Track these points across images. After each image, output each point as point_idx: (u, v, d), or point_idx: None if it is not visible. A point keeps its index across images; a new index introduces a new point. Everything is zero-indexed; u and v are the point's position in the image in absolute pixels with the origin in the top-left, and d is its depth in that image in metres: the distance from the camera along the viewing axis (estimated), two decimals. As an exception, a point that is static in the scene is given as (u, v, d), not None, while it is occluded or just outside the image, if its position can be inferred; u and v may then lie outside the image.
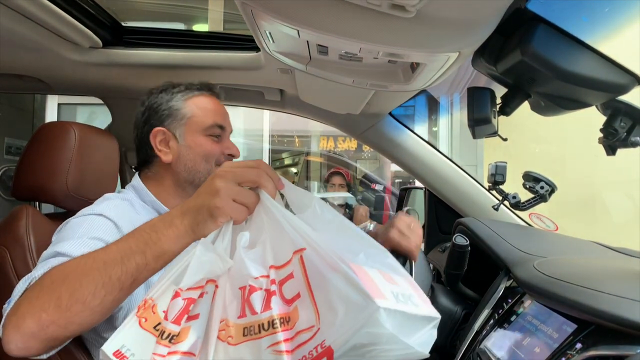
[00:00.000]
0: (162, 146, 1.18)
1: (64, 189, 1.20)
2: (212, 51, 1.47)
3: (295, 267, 0.64)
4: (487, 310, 1.12)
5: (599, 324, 0.78)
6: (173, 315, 0.67)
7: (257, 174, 0.73)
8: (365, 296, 0.58)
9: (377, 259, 0.66)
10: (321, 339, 0.60)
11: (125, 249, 0.74)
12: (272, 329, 0.62)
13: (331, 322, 0.59)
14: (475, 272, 1.49)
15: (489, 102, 0.94)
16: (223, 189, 0.72)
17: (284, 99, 1.74)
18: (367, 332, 0.58)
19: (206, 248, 0.70)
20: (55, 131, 1.24)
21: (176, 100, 1.20)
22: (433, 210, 2.03)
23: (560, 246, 1.35)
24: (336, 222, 0.70)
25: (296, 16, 0.79)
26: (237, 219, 0.73)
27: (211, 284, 0.69)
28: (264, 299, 0.64)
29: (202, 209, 0.73)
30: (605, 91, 0.83)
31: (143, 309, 0.69)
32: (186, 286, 0.68)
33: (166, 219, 0.75)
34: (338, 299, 0.59)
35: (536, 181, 1.50)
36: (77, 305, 0.72)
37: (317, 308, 0.61)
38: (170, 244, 0.73)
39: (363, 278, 0.60)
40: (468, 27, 0.76)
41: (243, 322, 0.65)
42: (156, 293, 0.69)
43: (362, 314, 0.57)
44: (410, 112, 5.18)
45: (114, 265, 0.73)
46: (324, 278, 0.61)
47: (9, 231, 1.10)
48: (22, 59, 1.45)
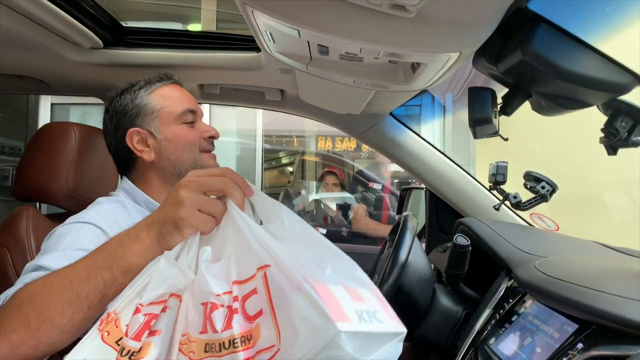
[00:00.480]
0: (141, 146, 1.15)
1: (64, 189, 1.20)
2: (212, 51, 1.47)
3: (259, 283, 0.63)
4: (488, 310, 1.12)
5: (600, 324, 0.78)
6: (133, 331, 0.65)
7: (223, 182, 0.71)
8: (326, 318, 0.56)
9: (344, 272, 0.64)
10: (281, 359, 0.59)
11: (91, 265, 0.72)
12: (233, 348, 0.61)
13: (291, 343, 0.58)
14: (476, 272, 1.49)
15: (490, 102, 0.94)
16: (187, 198, 0.69)
17: (285, 99, 1.74)
18: (327, 355, 0.57)
19: (169, 262, 0.67)
20: (55, 132, 1.24)
21: (140, 97, 1.17)
22: (434, 210, 2.03)
23: (561, 246, 1.35)
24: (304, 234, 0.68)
25: (296, 16, 0.78)
26: (204, 229, 0.70)
27: (174, 298, 0.67)
28: (226, 316, 0.63)
29: (167, 220, 0.70)
30: (606, 91, 0.83)
31: (106, 322, 0.67)
32: (147, 301, 0.66)
33: (132, 233, 0.73)
34: (299, 320, 0.58)
35: (537, 181, 1.50)
36: (46, 325, 0.70)
37: (278, 327, 0.60)
38: (136, 258, 0.71)
39: (326, 299, 0.58)
40: (469, 27, 0.75)
41: (204, 338, 0.64)
42: (119, 306, 0.67)
43: (322, 336, 0.56)
44: (410, 112, 5.19)
45: (81, 283, 0.70)
46: (286, 297, 0.60)
47: (10, 232, 1.10)
48: (23, 60, 1.45)
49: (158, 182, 1.16)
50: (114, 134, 1.18)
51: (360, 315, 0.59)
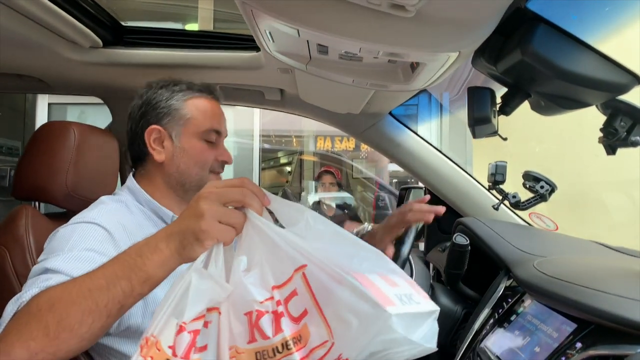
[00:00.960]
0: (156, 145, 1.15)
1: (63, 188, 1.20)
2: (212, 51, 1.47)
3: (298, 284, 0.64)
4: (487, 309, 1.12)
5: (599, 323, 0.78)
6: (182, 351, 0.65)
7: (242, 192, 0.72)
8: (374, 305, 0.59)
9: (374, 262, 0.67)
10: (337, 352, 0.60)
11: (110, 274, 0.72)
12: (287, 351, 0.62)
13: (345, 335, 0.60)
14: (476, 272, 1.49)
15: (489, 101, 0.94)
16: (207, 211, 0.70)
17: (284, 98, 1.74)
18: (381, 339, 0.59)
19: (201, 275, 0.67)
20: (55, 131, 1.24)
21: (176, 99, 1.17)
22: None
23: (560, 246, 1.35)
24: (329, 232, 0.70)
25: (296, 16, 0.78)
26: (225, 240, 0.71)
27: (214, 312, 0.68)
28: (273, 321, 0.64)
29: (188, 232, 0.71)
30: (605, 91, 0.83)
31: (146, 347, 0.66)
32: (189, 318, 0.66)
33: (151, 243, 0.73)
34: (348, 311, 0.60)
35: (536, 180, 1.50)
36: (65, 333, 0.70)
37: (327, 323, 0.61)
38: (155, 269, 0.71)
39: (368, 286, 0.60)
40: (468, 26, 0.76)
41: (254, 347, 0.64)
42: (156, 328, 0.66)
43: (375, 323, 0.59)
44: (407, 111, 5.20)
45: (100, 292, 0.71)
46: (330, 292, 0.62)
47: (9, 231, 1.10)
48: (22, 59, 1.45)
49: (162, 184, 1.16)
50: (137, 122, 1.17)
51: (400, 299, 0.62)
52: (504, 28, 0.80)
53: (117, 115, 1.83)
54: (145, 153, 1.16)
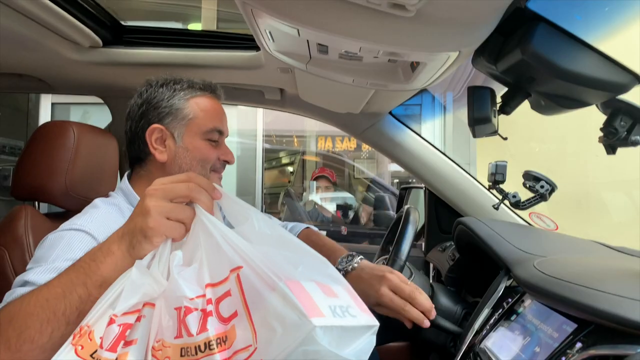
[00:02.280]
0: (158, 144, 1.14)
1: (63, 188, 1.20)
2: (212, 50, 1.47)
3: (232, 285, 0.64)
4: (487, 309, 1.12)
5: (599, 323, 0.78)
6: (108, 343, 0.65)
7: (188, 187, 0.71)
8: (301, 315, 0.58)
9: (316, 270, 0.66)
10: (258, 358, 0.60)
11: (66, 282, 0.72)
12: (209, 350, 0.62)
13: (268, 341, 0.59)
14: (475, 272, 1.49)
15: (489, 101, 0.94)
16: (153, 207, 0.70)
17: (284, 98, 1.74)
18: (304, 350, 0.58)
19: (141, 271, 0.68)
20: (54, 131, 1.24)
21: (178, 98, 1.15)
22: (433, 210, 2.03)
23: (560, 245, 1.35)
24: (275, 235, 0.70)
25: (296, 15, 0.78)
26: (174, 236, 0.71)
27: (149, 307, 0.67)
28: (200, 319, 0.64)
29: (136, 231, 0.71)
30: (605, 90, 0.83)
31: (79, 336, 0.66)
32: (121, 311, 0.66)
33: (104, 247, 0.73)
34: (275, 318, 0.60)
35: (536, 180, 1.50)
36: (26, 345, 0.70)
37: (254, 327, 0.61)
38: (110, 272, 0.71)
39: (299, 295, 0.60)
40: (468, 26, 0.75)
41: (180, 343, 0.64)
42: (92, 319, 0.67)
43: (298, 332, 0.58)
44: (410, 111, 5.20)
45: (57, 301, 0.70)
46: (261, 297, 0.61)
47: (8, 231, 1.10)
48: (22, 58, 1.45)
49: None
50: (137, 121, 1.16)
51: (333, 310, 0.61)
52: (504, 27, 0.80)
53: (117, 114, 1.83)
54: (146, 153, 1.15)
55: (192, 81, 1.20)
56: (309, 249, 0.70)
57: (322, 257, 0.69)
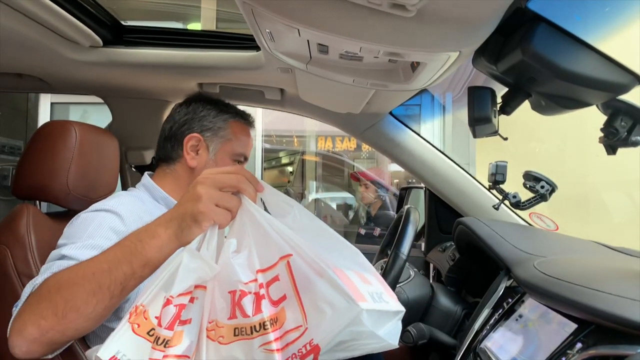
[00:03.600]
0: (192, 151, 1.24)
1: (64, 188, 1.20)
2: (212, 50, 1.47)
3: (282, 270, 0.70)
4: (488, 309, 1.12)
5: (599, 323, 0.78)
6: (166, 322, 0.70)
7: (237, 179, 0.76)
8: (349, 299, 0.65)
9: (352, 260, 0.73)
10: (309, 337, 0.66)
11: (112, 259, 0.77)
12: (264, 330, 0.68)
13: (318, 323, 0.66)
14: (476, 272, 1.49)
15: (490, 101, 0.94)
16: (205, 194, 0.74)
17: (285, 98, 1.74)
18: (350, 330, 0.65)
19: (192, 255, 0.72)
20: (56, 130, 1.24)
21: (222, 119, 1.28)
22: (433, 210, 2.03)
23: (560, 246, 1.35)
24: (314, 226, 0.75)
25: (296, 15, 0.78)
26: (221, 223, 0.75)
27: (200, 289, 0.72)
28: (254, 302, 0.69)
29: (186, 215, 0.75)
30: (605, 90, 0.83)
31: (135, 315, 0.71)
32: (177, 293, 0.70)
33: (150, 229, 0.78)
34: (324, 302, 0.66)
35: (536, 180, 1.50)
36: (72, 313, 0.76)
37: (304, 309, 0.67)
38: (154, 253, 0.76)
39: (345, 282, 0.67)
40: (468, 26, 0.75)
41: (233, 323, 0.69)
42: (146, 299, 0.72)
43: (347, 315, 0.65)
44: (410, 111, 5.20)
45: (102, 275, 0.76)
46: (310, 282, 0.68)
47: (10, 230, 1.10)
48: (22, 58, 1.45)
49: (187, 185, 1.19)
50: (180, 125, 1.27)
51: (372, 296, 0.69)
52: (505, 28, 0.80)
53: (118, 114, 1.83)
54: (178, 155, 1.25)
55: (235, 108, 1.35)
56: (343, 240, 0.75)
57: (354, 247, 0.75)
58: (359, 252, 0.75)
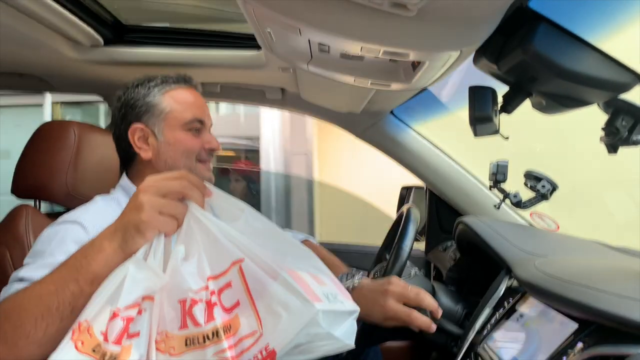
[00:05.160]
0: (141, 143, 1.15)
1: (63, 187, 1.20)
2: (213, 49, 1.47)
3: (234, 276, 0.69)
4: (488, 309, 1.12)
5: (601, 323, 0.77)
6: (113, 336, 0.67)
7: (181, 184, 0.74)
8: (304, 300, 0.66)
9: (306, 261, 0.73)
10: (265, 342, 0.66)
11: (58, 279, 0.73)
12: (217, 338, 0.66)
13: (274, 327, 0.66)
14: (477, 272, 1.48)
15: (490, 100, 0.94)
16: (147, 202, 0.72)
17: (285, 97, 1.74)
18: (307, 332, 0.66)
19: (139, 266, 0.70)
20: (55, 130, 1.24)
21: (153, 95, 1.16)
22: (434, 209, 2.02)
23: (561, 245, 1.35)
24: (266, 229, 0.75)
25: (297, 15, 0.78)
26: (167, 231, 0.73)
27: (148, 300, 0.70)
28: (206, 310, 0.68)
29: (129, 225, 0.72)
30: (606, 90, 0.82)
31: (78, 332, 0.68)
32: (124, 305, 0.68)
33: (95, 244, 0.74)
34: (279, 305, 0.66)
35: (537, 180, 1.50)
36: (22, 340, 0.71)
37: (258, 315, 0.67)
38: (100, 267, 0.72)
39: (300, 283, 0.67)
40: (469, 25, 0.75)
41: (185, 333, 0.68)
42: (90, 314, 0.68)
43: (303, 316, 0.65)
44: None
45: (50, 297, 0.72)
46: (264, 286, 0.68)
47: (9, 230, 1.11)
48: (23, 57, 1.45)
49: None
50: (120, 125, 1.18)
51: (327, 297, 0.69)
52: (506, 27, 0.79)
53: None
54: (132, 153, 1.17)
55: (165, 76, 1.20)
56: (296, 242, 0.75)
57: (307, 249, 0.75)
58: (312, 254, 0.75)
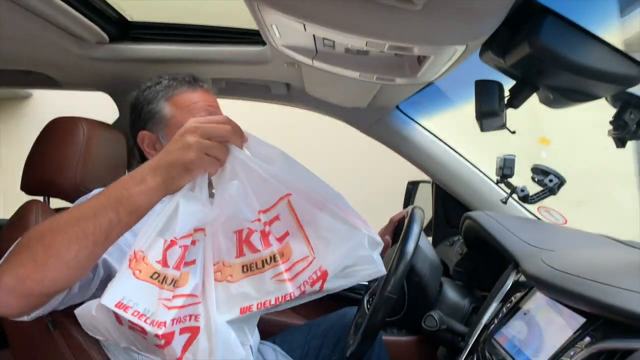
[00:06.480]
0: (150, 149, 1.19)
1: (73, 183, 1.21)
2: (218, 45, 1.47)
3: (282, 209, 0.76)
4: (496, 303, 1.12)
5: (608, 317, 0.77)
6: (173, 262, 0.73)
7: (225, 129, 0.77)
8: (351, 226, 0.74)
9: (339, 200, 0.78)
10: (317, 265, 0.74)
11: (97, 205, 0.75)
12: (274, 262, 0.75)
13: (325, 251, 0.74)
14: (484, 266, 1.48)
15: (497, 95, 0.94)
16: (195, 143, 0.75)
17: (291, 93, 1.74)
18: (354, 255, 0.74)
19: (190, 199, 0.76)
20: (64, 126, 1.25)
21: (157, 101, 1.18)
22: (441, 204, 2.02)
23: (568, 239, 1.35)
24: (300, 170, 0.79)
25: (301, 10, 0.78)
26: (211, 171, 0.78)
27: (200, 232, 0.77)
28: (261, 238, 0.76)
29: (177, 164, 0.75)
30: (614, 83, 0.82)
31: (135, 261, 0.73)
32: (180, 235, 0.74)
33: (136, 177, 0.76)
34: (328, 231, 0.74)
35: (544, 174, 1.49)
36: (52, 260, 0.73)
37: (309, 241, 0.75)
38: (142, 200, 0.75)
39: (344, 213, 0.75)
40: (475, 19, 0.75)
41: (241, 261, 0.76)
42: (144, 245, 0.74)
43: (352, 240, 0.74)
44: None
45: (87, 221, 0.74)
46: (312, 216, 0.75)
47: (20, 226, 1.11)
48: (29, 55, 1.46)
49: None
50: (131, 130, 1.23)
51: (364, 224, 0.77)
52: (512, 20, 0.79)
53: (124, 110, 1.84)
54: (143, 157, 1.21)
55: (173, 78, 1.21)
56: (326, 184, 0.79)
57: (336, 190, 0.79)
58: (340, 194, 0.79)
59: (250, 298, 0.75)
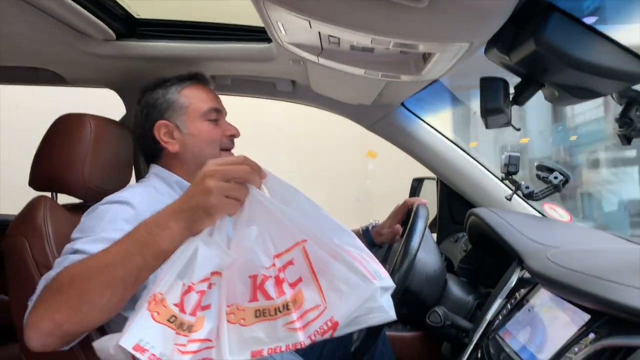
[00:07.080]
0: (167, 138, 1.24)
1: (80, 180, 1.22)
2: (224, 42, 1.48)
3: (297, 255, 0.77)
4: (500, 300, 1.12)
5: (612, 314, 0.78)
6: (189, 308, 0.74)
7: (244, 170, 0.78)
8: (364, 278, 0.75)
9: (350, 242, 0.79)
10: (329, 315, 0.74)
11: (124, 251, 0.79)
12: (287, 310, 0.75)
13: (337, 301, 0.74)
14: (488, 263, 1.49)
15: (502, 92, 0.93)
16: (215, 187, 0.76)
17: (296, 89, 1.74)
18: (365, 307, 0.74)
19: (208, 243, 0.77)
20: (71, 123, 1.26)
21: (171, 92, 1.26)
22: (445, 201, 2.02)
23: (573, 237, 1.35)
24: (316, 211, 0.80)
25: (307, 7, 0.79)
26: (232, 213, 0.79)
27: (216, 275, 0.77)
28: (275, 285, 0.76)
29: (198, 208, 0.77)
30: (620, 80, 0.82)
31: (154, 303, 0.74)
32: (197, 280, 0.75)
33: (159, 222, 0.79)
34: (341, 282, 0.75)
35: (549, 171, 1.49)
36: (86, 305, 0.78)
37: (321, 290, 0.75)
38: (167, 244, 0.78)
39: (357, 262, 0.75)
40: (481, 16, 0.75)
41: (255, 306, 0.76)
42: (163, 287, 0.75)
43: (364, 292, 0.74)
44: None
45: (116, 267, 0.78)
46: (326, 265, 0.76)
47: (28, 221, 1.12)
48: (37, 52, 1.46)
49: (182, 173, 1.24)
50: (144, 125, 1.27)
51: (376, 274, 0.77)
52: (517, 18, 0.79)
53: (131, 107, 1.84)
54: (159, 149, 1.25)
55: (179, 75, 1.31)
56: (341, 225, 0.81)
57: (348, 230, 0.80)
58: (353, 234, 0.80)
59: (261, 343, 0.76)
